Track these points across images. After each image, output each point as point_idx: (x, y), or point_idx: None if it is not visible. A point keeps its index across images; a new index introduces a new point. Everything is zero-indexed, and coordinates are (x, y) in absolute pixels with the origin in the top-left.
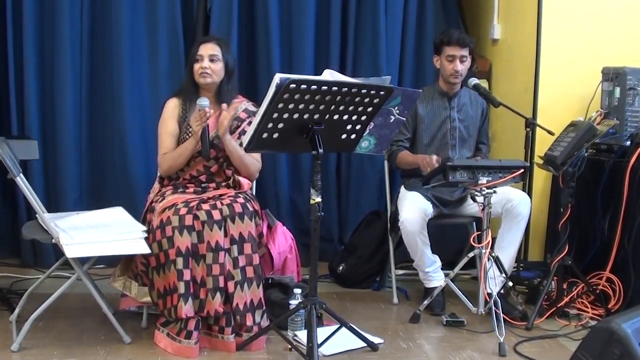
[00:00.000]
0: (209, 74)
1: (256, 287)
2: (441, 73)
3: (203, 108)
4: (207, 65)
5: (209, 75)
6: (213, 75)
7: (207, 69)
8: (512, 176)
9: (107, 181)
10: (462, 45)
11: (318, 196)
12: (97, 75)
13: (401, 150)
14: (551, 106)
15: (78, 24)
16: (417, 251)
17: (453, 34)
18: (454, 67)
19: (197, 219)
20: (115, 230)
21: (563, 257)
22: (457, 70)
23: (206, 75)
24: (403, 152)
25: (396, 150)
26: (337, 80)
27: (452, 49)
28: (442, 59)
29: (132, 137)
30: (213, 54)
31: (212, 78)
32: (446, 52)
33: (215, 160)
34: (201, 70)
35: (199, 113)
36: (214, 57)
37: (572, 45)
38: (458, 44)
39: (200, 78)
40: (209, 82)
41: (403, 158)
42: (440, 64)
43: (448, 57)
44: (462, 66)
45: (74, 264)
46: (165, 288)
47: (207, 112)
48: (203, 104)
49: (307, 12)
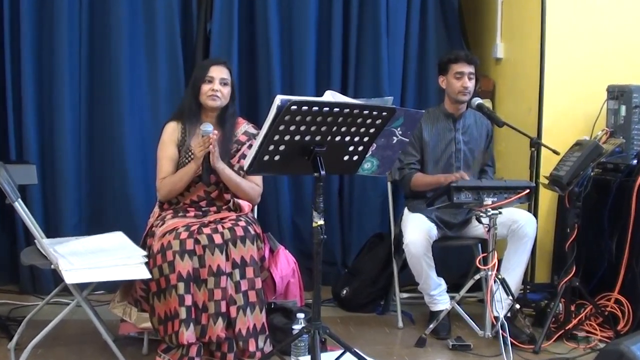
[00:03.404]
0: (219, 97)
1: (259, 312)
2: (448, 93)
3: (207, 134)
4: (219, 88)
5: (219, 99)
6: (222, 98)
7: (217, 91)
8: (517, 197)
9: (107, 206)
10: (469, 62)
11: (320, 219)
12: (96, 98)
13: (414, 173)
14: (556, 125)
15: (77, 46)
16: (422, 274)
17: (459, 52)
18: (463, 83)
19: (198, 243)
20: (115, 256)
21: (570, 279)
22: (467, 86)
23: (216, 98)
24: (417, 174)
25: (409, 174)
26: (338, 102)
27: (459, 65)
28: (450, 77)
29: (132, 161)
30: (224, 77)
31: (221, 101)
32: (454, 70)
33: (216, 186)
34: (211, 92)
35: (203, 139)
36: (225, 80)
37: (576, 63)
38: (465, 61)
39: (209, 100)
40: (218, 105)
41: (419, 180)
42: (447, 83)
43: (456, 74)
44: (470, 83)
45: (74, 290)
46: (166, 314)
47: (211, 138)
48: (207, 130)
49: (308, 33)
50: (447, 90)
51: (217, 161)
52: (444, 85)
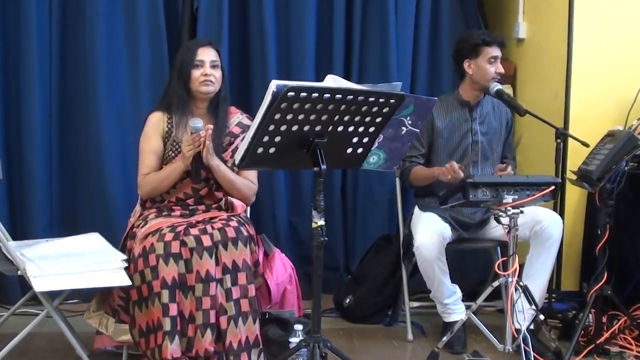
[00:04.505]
0: (212, 82)
1: (252, 323)
2: (475, 79)
3: (197, 131)
4: (211, 72)
5: (212, 83)
6: (216, 82)
7: (210, 76)
8: (541, 194)
9: (81, 204)
10: (502, 46)
11: (321, 219)
12: (69, 84)
13: (415, 166)
14: (585, 114)
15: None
16: (435, 280)
17: (492, 33)
18: (497, 69)
19: (185, 246)
20: (90, 260)
21: (601, 286)
22: (501, 72)
23: (209, 83)
24: (417, 167)
25: (409, 166)
26: (341, 87)
27: (494, 49)
28: (481, 61)
29: (109, 155)
30: (214, 59)
31: (215, 86)
32: (488, 54)
33: (205, 182)
34: (204, 77)
35: (192, 136)
36: (215, 62)
37: (608, 43)
38: (500, 44)
39: (202, 87)
40: (212, 90)
41: (417, 173)
42: (476, 68)
43: (491, 58)
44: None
45: (43, 299)
46: (149, 325)
47: (201, 135)
48: (197, 126)
49: (307, 10)
50: (473, 75)
51: (212, 157)
52: (470, 70)
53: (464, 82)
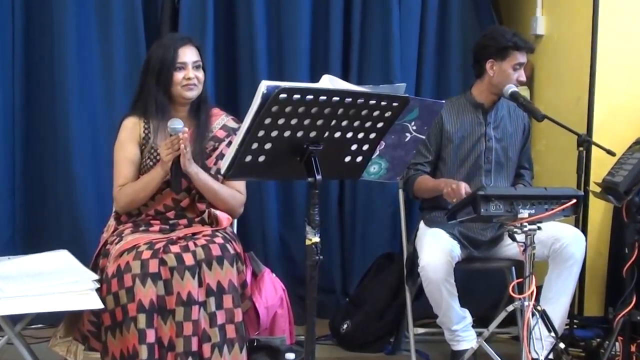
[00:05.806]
0: (195, 85)
1: (238, 351)
2: (494, 82)
3: (176, 132)
4: (194, 75)
5: (196, 87)
6: (199, 85)
7: (193, 79)
8: (561, 208)
9: (48, 218)
10: (530, 53)
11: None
12: (34, 84)
13: (420, 175)
14: (611, 119)
15: (8, 17)
16: (442, 304)
17: (522, 37)
18: (520, 76)
19: (164, 265)
20: (57, 280)
21: (630, 311)
22: (524, 81)
23: (193, 87)
24: (422, 176)
25: (414, 176)
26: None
27: (522, 55)
28: (506, 65)
29: (79, 163)
30: (196, 60)
31: (198, 89)
32: (516, 59)
33: (187, 193)
34: (186, 82)
35: (171, 139)
36: (197, 63)
37: (637, 41)
38: (528, 50)
39: (185, 91)
40: (195, 94)
41: (422, 184)
42: (499, 71)
43: (516, 65)
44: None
45: (4, 324)
46: (123, 353)
47: (180, 138)
48: (176, 127)
49: (301, 3)
50: (494, 78)
51: (190, 164)
52: (491, 72)
53: (480, 82)
